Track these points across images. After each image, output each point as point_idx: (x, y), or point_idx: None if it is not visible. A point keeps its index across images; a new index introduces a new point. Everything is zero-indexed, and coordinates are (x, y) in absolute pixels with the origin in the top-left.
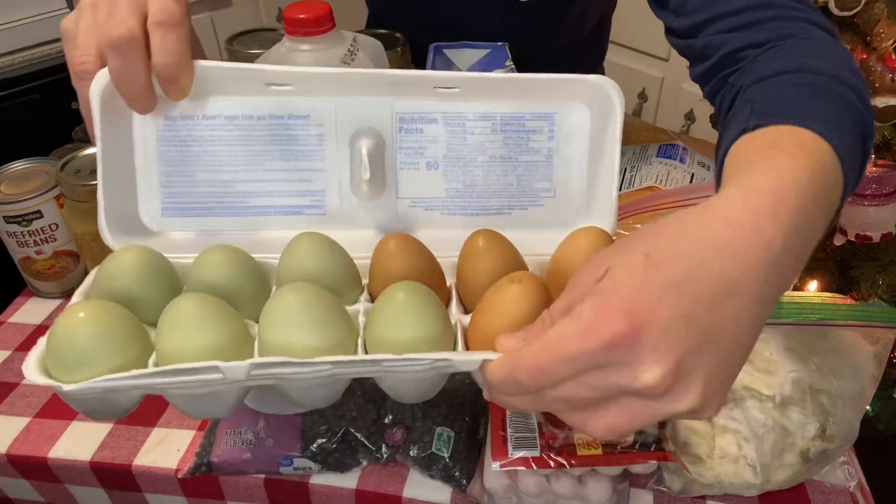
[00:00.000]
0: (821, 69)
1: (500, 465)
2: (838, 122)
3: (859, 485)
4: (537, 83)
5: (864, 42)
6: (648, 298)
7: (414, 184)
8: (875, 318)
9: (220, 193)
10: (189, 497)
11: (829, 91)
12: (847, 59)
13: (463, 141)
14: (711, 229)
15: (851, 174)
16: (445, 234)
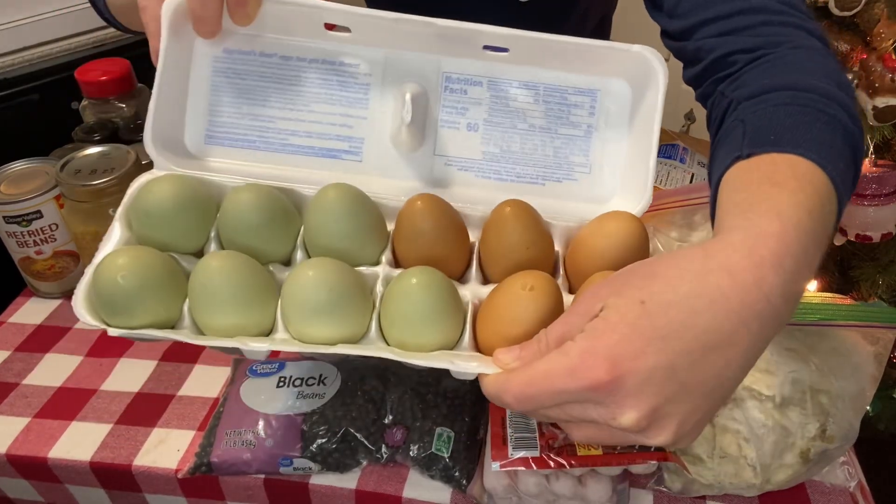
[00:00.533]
0: (812, 86)
1: (500, 466)
2: (831, 147)
3: (859, 485)
4: (582, 48)
5: (864, 42)
6: (633, 348)
7: (452, 143)
8: (875, 318)
9: (263, 128)
10: (189, 497)
11: (822, 113)
12: (836, 72)
13: (505, 107)
14: (709, 280)
15: (845, 196)
16: (477, 194)
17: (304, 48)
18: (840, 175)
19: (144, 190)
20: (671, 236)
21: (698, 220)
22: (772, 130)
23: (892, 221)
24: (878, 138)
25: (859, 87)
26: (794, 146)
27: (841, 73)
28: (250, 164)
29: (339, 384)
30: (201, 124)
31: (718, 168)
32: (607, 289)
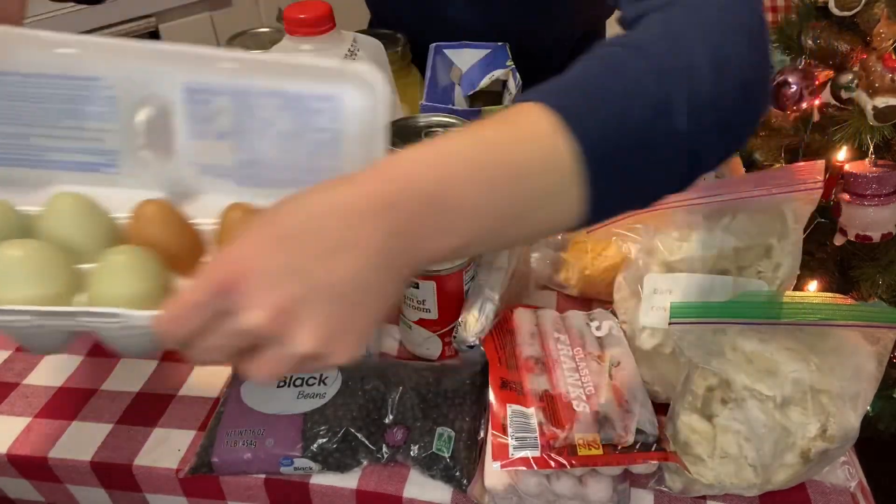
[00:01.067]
0: (644, 43)
1: (500, 466)
2: (596, 101)
3: (860, 485)
4: (315, 68)
5: (864, 42)
6: (255, 250)
7: (204, 152)
8: (875, 318)
9: (20, 146)
10: (189, 497)
11: (616, 68)
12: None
13: (251, 115)
14: (336, 189)
15: (615, 166)
16: (234, 201)
17: (41, 65)
18: (594, 131)
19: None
20: (672, 236)
21: (699, 221)
22: (553, 82)
23: (892, 221)
24: (878, 138)
25: (859, 87)
26: (546, 95)
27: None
28: (12, 181)
29: (340, 384)
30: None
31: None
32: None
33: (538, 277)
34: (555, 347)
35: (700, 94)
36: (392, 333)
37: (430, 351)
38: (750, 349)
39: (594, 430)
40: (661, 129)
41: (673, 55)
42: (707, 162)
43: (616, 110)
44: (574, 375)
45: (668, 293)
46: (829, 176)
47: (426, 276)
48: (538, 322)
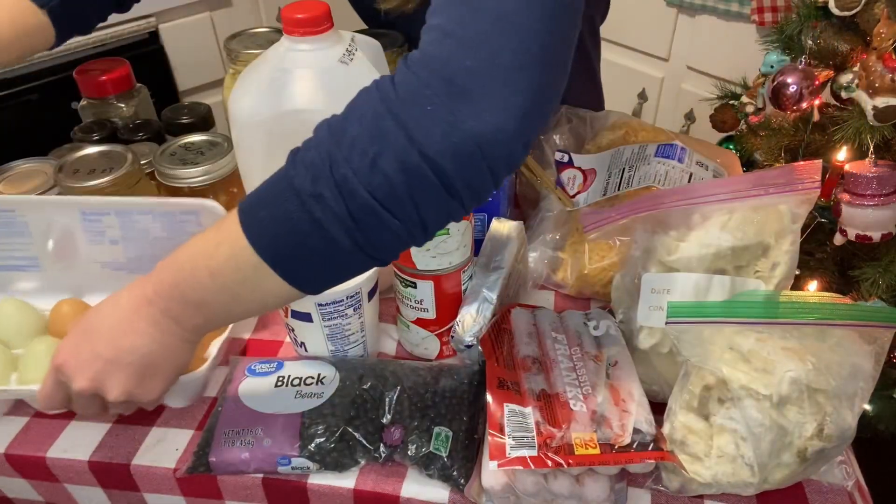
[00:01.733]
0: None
1: (497, 465)
2: (255, 195)
3: (857, 484)
4: (164, 204)
5: (864, 42)
6: (70, 344)
7: (103, 254)
8: (873, 317)
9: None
10: (187, 497)
11: (285, 169)
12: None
13: (132, 226)
14: (117, 296)
15: (282, 248)
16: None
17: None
18: (257, 226)
19: None
20: (670, 235)
21: (697, 220)
22: (261, 184)
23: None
24: (878, 138)
25: (859, 87)
26: (244, 200)
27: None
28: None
29: (338, 384)
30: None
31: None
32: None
33: (536, 277)
34: (552, 347)
35: (349, 182)
36: (390, 333)
37: (428, 350)
38: (747, 348)
39: (591, 429)
40: (308, 221)
41: (332, 143)
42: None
43: (274, 211)
44: (571, 375)
45: (665, 293)
46: (829, 176)
47: (424, 276)
48: (535, 322)
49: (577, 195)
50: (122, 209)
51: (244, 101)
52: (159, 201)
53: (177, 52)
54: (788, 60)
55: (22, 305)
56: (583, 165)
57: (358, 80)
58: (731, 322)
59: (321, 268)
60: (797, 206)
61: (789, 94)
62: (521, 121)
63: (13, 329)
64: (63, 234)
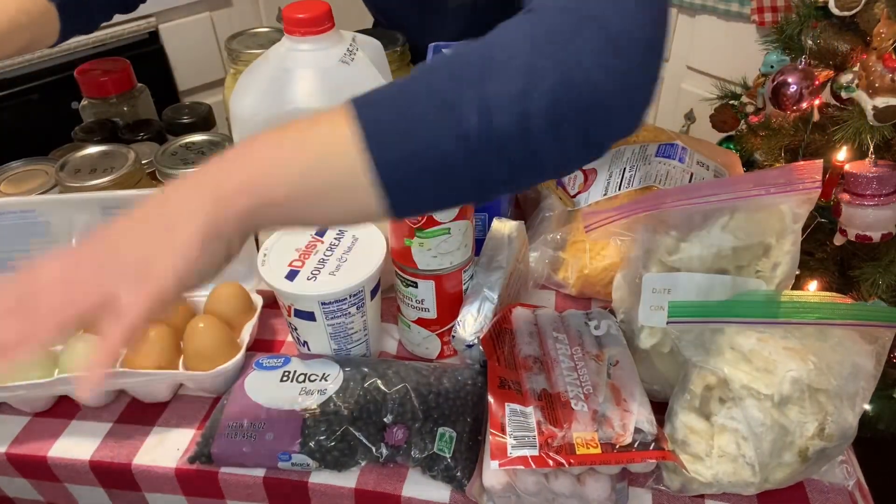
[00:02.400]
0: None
1: (498, 465)
2: (395, 116)
3: (857, 483)
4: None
5: (864, 42)
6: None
7: None
8: (874, 317)
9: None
10: (188, 496)
11: (428, 80)
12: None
13: None
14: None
15: (406, 166)
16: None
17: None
18: (385, 150)
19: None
20: (671, 235)
21: (697, 220)
22: (379, 88)
23: (892, 221)
24: (878, 138)
25: (859, 87)
26: (360, 103)
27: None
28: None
29: (342, 381)
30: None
31: None
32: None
33: (537, 277)
34: (553, 347)
35: (498, 94)
36: (391, 333)
37: (429, 350)
38: (748, 348)
39: (592, 429)
40: (444, 126)
41: (479, 58)
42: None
43: (411, 123)
44: (572, 375)
45: (666, 292)
46: (829, 176)
47: (425, 276)
48: (537, 321)
49: (577, 195)
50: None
51: (245, 101)
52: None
53: (177, 52)
54: (788, 60)
55: None
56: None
57: (358, 80)
58: (733, 322)
59: (434, 191)
60: (798, 206)
61: (789, 94)
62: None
63: None
64: (85, 232)
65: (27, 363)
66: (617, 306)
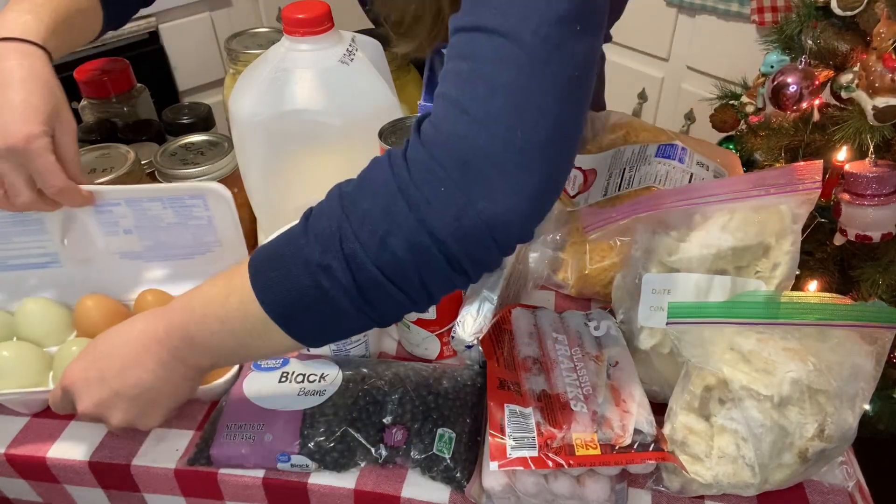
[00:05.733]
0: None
1: (498, 466)
2: (269, 265)
3: (857, 484)
4: (175, 189)
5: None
6: (80, 366)
7: (120, 244)
8: (873, 317)
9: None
10: (187, 497)
11: (293, 231)
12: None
13: (144, 214)
14: (131, 326)
15: (287, 308)
16: (150, 274)
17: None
18: (265, 294)
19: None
20: (671, 235)
21: (697, 220)
22: (271, 240)
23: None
24: (878, 138)
25: (859, 87)
26: (254, 255)
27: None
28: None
29: (341, 382)
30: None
31: None
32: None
33: (536, 277)
34: (553, 347)
35: (357, 257)
36: (391, 333)
37: (429, 351)
38: (748, 349)
39: (592, 429)
40: (314, 288)
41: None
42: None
43: (283, 274)
44: (572, 375)
45: (666, 293)
46: (829, 176)
47: None
48: (536, 322)
49: (577, 195)
50: (131, 198)
51: (245, 101)
52: (166, 187)
53: (177, 52)
54: (788, 60)
55: (47, 304)
56: (583, 165)
57: (358, 80)
58: (732, 322)
59: (325, 328)
60: (798, 207)
61: (789, 94)
62: (534, 202)
63: (42, 329)
64: (79, 228)
65: (22, 366)
66: (616, 307)
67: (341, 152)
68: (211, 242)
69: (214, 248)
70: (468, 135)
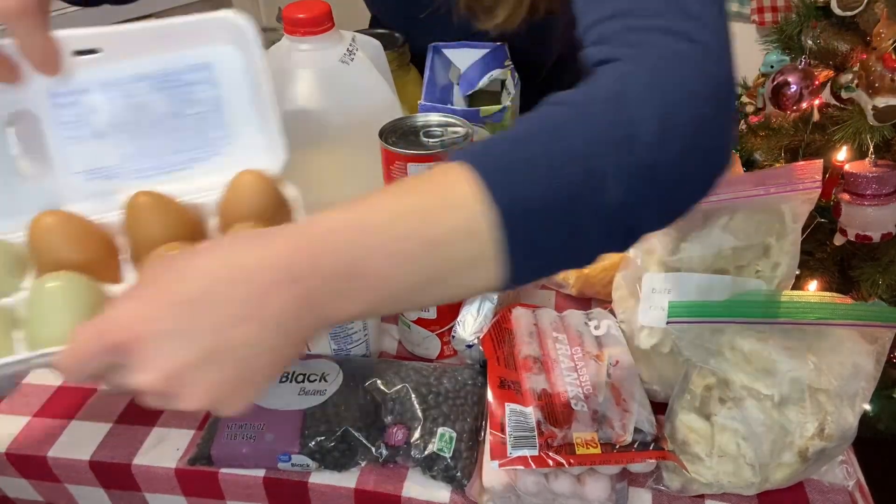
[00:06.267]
0: (578, 103)
1: (499, 465)
2: (523, 169)
3: (858, 484)
4: (177, 26)
5: (864, 42)
6: (151, 312)
7: (84, 156)
8: (873, 317)
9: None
10: (188, 496)
11: (550, 131)
12: (646, 90)
13: (126, 105)
14: (243, 252)
15: (538, 226)
16: (119, 202)
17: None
18: (517, 199)
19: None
20: (670, 235)
21: (698, 220)
22: (482, 142)
23: (892, 221)
24: (878, 138)
25: (859, 87)
26: (471, 157)
27: (667, 87)
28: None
29: (341, 382)
30: None
31: None
32: (151, 265)
33: None
34: (553, 347)
35: (638, 165)
36: (391, 333)
37: (429, 350)
38: (748, 348)
39: (592, 429)
40: (588, 201)
41: (614, 121)
42: (642, 231)
43: (543, 178)
44: (572, 375)
45: (666, 292)
46: (829, 176)
47: None
48: (536, 321)
49: None
50: (108, 79)
51: None
52: (162, 22)
53: None
54: (788, 60)
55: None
56: None
57: (358, 80)
58: (733, 322)
59: (558, 253)
60: (798, 206)
61: (789, 94)
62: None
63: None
64: (26, 129)
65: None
66: (617, 306)
67: (341, 152)
68: (218, 139)
69: (221, 148)
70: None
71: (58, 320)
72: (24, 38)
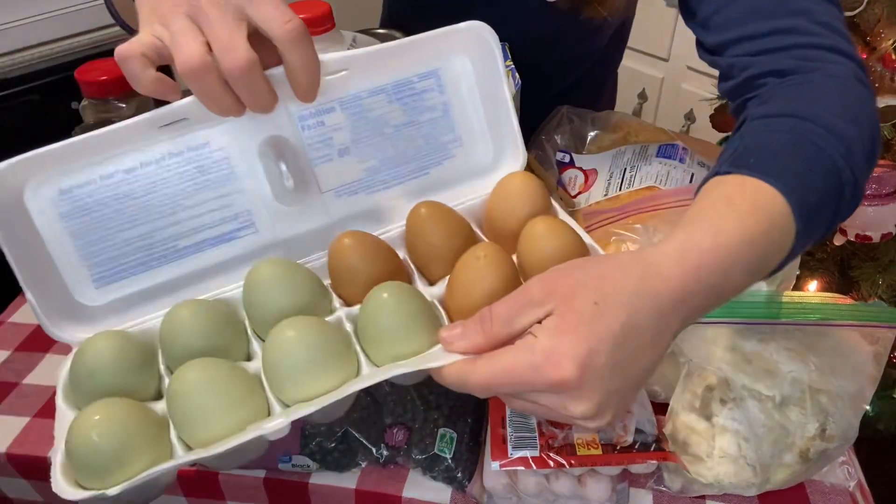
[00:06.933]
0: (817, 117)
1: (499, 465)
2: (805, 179)
3: (859, 484)
4: (417, 43)
5: (864, 42)
6: (591, 348)
7: (332, 174)
8: (875, 317)
9: (146, 246)
10: (188, 497)
11: (811, 145)
12: (857, 104)
13: (364, 120)
14: (649, 284)
15: (813, 228)
16: (377, 211)
17: (142, 154)
18: (808, 208)
19: (79, 353)
20: None
21: None
22: (756, 153)
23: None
24: None
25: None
26: (766, 173)
27: (863, 104)
28: (153, 284)
29: None
30: (83, 274)
31: (706, 176)
32: (559, 285)
33: None
34: None
35: (862, 167)
36: None
37: None
38: (749, 349)
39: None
40: (837, 200)
41: (842, 123)
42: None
43: (820, 191)
44: None
45: None
46: None
47: None
48: None
49: (578, 195)
50: (348, 97)
51: None
52: (401, 45)
53: None
54: None
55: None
56: (584, 166)
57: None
58: (733, 322)
59: (818, 240)
60: None
61: None
62: None
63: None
64: (287, 161)
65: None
66: None
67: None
68: (449, 143)
69: (454, 151)
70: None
71: (410, 331)
72: (298, 64)
